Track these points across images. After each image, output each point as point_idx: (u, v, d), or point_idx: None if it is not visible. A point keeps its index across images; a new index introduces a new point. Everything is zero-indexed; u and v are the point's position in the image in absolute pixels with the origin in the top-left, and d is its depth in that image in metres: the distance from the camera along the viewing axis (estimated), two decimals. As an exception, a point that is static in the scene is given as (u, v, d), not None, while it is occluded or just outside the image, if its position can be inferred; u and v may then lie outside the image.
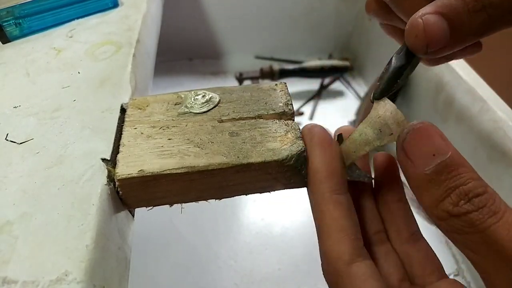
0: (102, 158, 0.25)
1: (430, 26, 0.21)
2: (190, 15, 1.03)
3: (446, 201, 0.18)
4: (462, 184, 0.18)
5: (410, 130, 0.20)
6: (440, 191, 0.18)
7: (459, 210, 0.17)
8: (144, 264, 0.69)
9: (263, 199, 0.80)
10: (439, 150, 0.18)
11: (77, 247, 0.21)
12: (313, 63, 1.00)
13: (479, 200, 0.17)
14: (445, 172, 0.18)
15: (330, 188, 0.22)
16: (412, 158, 0.19)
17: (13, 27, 0.39)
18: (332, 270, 0.21)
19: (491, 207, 0.17)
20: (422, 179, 0.19)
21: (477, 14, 0.21)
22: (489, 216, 0.17)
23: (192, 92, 0.29)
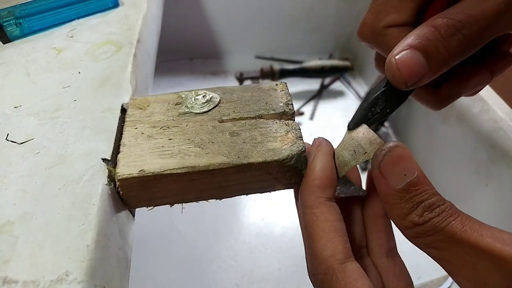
0: (102, 158, 0.25)
1: (404, 63, 0.22)
2: (190, 15, 1.03)
3: (413, 213, 0.21)
4: (426, 199, 0.20)
5: (386, 152, 0.22)
6: (408, 205, 0.21)
7: (424, 219, 0.20)
8: (144, 264, 0.69)
9: (263, 199, 0.80)
10: (409, 171, 0.21)
11: (77, 247, 0.21)
12: (314, 63, 1.00)
13: (439, 209, 0.20)
14: (413, 190, 0.21)
15: (326, 195, 0.24)
16: (386, 176, 0.22)
17: (13, 27, 0.39)
18: (324, 269, 0.22)
19: (449, 211, 0.20)
20: (393, 195, 0.21)
21: (451, 38, 0.22)
22: (447, 217, 0.20)
23: (192, 92, 0.29)
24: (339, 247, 0.22)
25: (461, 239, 0.19)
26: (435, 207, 0.20)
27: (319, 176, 0.24)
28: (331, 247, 0.22)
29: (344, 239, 0.23)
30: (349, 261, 0.22)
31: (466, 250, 0.19)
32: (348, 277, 0.22)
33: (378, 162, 0.22)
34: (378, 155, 0.22)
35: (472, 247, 0.19)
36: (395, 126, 0.89)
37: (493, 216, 0.58)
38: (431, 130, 0.74)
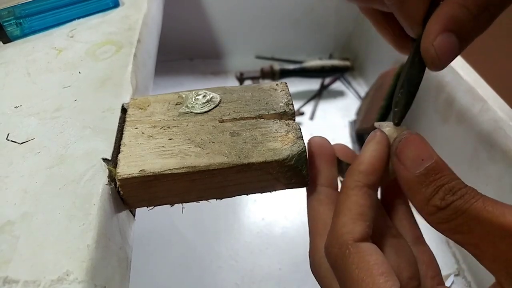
0: (103, 158, 0.25)
1: (442, 50, 0.22)
2: (190, 15, 1.03)
3: (435, 197, 0.21)
4: (447, 182, 0.21)
5: (401, 139, 0.23)
6: (429, 190, 0.21)
7: (446, 203, 0.20)
8: (145, 264, 0.69)
9: (263, 199, 0.80)
10: (426, 156, 0.21)
11: (78, 247, 0.21)
12: (314, 63, 1.00)
13: (461, 192, 0.20)
14: (433, 174, 0.21)
15: (365, 181, 0.24)
16: (404, 162, 0.22)
17: (14, 27, 0.39)
18: (339, 243, 0.22)
19: (471, 193, 0.20)
20: (413, 180, 0.21)
21: (480, 16, 0.22)
22: (470, 199, 0.20)
23: (193, 92, 0.29)
24: (358, 228, 0.22)
25: (484, 219, 0.19)
26: (456, 190, 0.20)
27: (364, 162, 0.24)
28: (351, 225, 0.22)
29: (366, 224, 0.22)
30: (366, 241, 0.22)
31: (488, 230, 0.19)
32: (362, 252, 0.21)
33: (394, 149, 0.23)
34: (394, 144, 0.23)
35: (494, 225, 0.19)
36: (395, 126, 0.89)
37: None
38: (431, 130, 0.74)
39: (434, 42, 0.22)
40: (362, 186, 0.24)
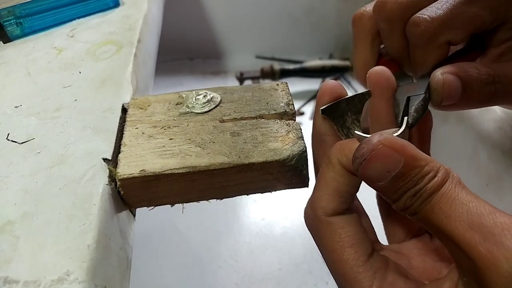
0: (103, 158, 0.25)
1: (448, 83, 0.24)
2: (191, 14, 1.03)
3: (399, 202, 0.21)
4: (412, 187, 0.20)
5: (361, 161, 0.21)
6: (395, 195, 0.21)
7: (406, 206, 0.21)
8: (145, 264, 0.69)
9: (264, 199, 0.80)
10: (392, 167, 0.20)
11: (78, 247, 0.21)
12: (314, 63, 1.00)
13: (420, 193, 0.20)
14: (399, 181, 0.20)
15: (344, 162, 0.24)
16: (369, 180, 0.21)
17: (14, 26, 0.39)
18: (313, 216, 0.24)
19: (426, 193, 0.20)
20: (379, 188, 0.21)
21: (487, 85, 0.25)
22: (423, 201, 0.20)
23: (193, 92, 0.29)
24: (331, 204, 0.23)
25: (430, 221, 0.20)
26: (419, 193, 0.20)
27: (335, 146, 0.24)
28: (325, 201, 0.23)
29: (341, 199, 0.23)
30: (337, 215, 0.23)
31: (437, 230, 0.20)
32: (333, 225, 0.23)
33: (356, 171, 0.21)
34: (354, 163, 0.21)
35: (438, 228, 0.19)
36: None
37: None
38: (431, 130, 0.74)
39: (444, 74, 0.24)
40: (340, 167, 0.24)
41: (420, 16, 0.25)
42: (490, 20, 0.26)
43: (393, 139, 0.21)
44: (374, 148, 0.20)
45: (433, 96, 0.25)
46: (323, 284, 0.66)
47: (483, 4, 0.25)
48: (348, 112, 0.27)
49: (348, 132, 0.27)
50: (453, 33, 0.26)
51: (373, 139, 0.21)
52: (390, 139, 0.21)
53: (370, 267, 0.22)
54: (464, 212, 0.19)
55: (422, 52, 0.27)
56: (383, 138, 0.21)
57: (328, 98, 0.26)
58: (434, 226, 0.20)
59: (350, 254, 0.22)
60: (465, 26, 0.25)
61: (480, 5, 0.25)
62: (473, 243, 0.18)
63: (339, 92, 0.27)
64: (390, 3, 0.27)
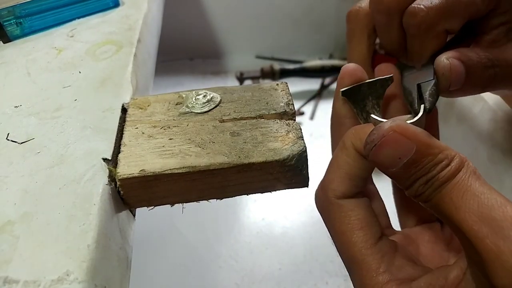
0: (103, 158, 0.25)
1: (454, 68, 0.24)
2: (191, 14, 1.03)
3: (411, 189, 0.21)
4: (424, 174, 0.20)
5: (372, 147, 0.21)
6: (407, 182, 0.21)
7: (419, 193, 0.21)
8: (145, 264, 0.69)
9: (264, 199, 0.80)
10: (404, 153, 0.20)
11: (78, 247, 0.21)
12: (314, 62, 1.00)
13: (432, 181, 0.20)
14: (412, 167, 0.20)
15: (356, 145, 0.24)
16: (380, 166, 0.21)
17: (14, 26, 0.39)
18: (324, 198, 0.25)
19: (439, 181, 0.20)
20: (391, 174, 0.21)
21: (487, 69, 0.25)
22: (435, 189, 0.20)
23: (193, 92, 0.29)
24: (342, 188, 0.24)
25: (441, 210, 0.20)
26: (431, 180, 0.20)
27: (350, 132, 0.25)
28: (336, 183, 0.24)
29: (352, 183, 0.24)
30: (347, 198, 0.24)
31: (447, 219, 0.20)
32: (344, 208, 0.23)
33: (366, 157, 0.22)
34: (365, 148, 0.21)
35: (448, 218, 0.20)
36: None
37: None
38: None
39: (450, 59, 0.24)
40: (352, 149, 0.24)
41: (416, 6, 0.25)
42: (483, 7, 0.26)
43: (405, 125, 0.21)
44: (385, 134, 0.20)
45: (441, 81, 0.25)
46: (323, 284, 0.66)
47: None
48: (369, 96, 0.27)
49: (367, 116, 0.27)
50: (450, 22, 0.26)
51: (385, 125, 0.21)
52: (402, 125, 0.21)
53: (378, 250, 0.22)
54: (475, 204, 0.18)
55: (420, 42, 0.27)
56: (395, 124, 0.21)
57: (348, 81, 0.27)
58: (444, 215, 0.20)
59: (359, 236, 0.23)
60: (461, 14, 0.26)
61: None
62: (480, 236, 0.18)
63: (359, 76, 0.27)
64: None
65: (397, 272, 0.22)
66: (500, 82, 0.26)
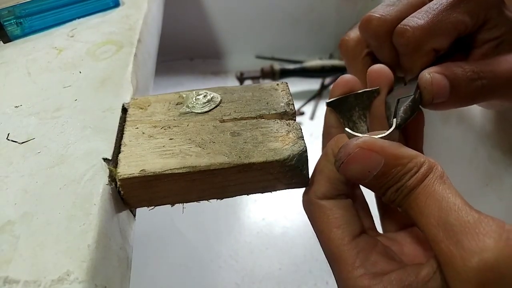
0: (103, 158, 0.25)
1: (436, 81, 0.25)
2: (191, 15, 1.03)
3: (384, 197, 0.23)
4: (394, 183, 0.22)
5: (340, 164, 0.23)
6: (380, 191, 0.22)
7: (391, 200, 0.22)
8: (145, 264, 0.69)
9: (264, 199, 0.80)
10: (373, 167, 0.22)
11: (78, 246, 0.21)
12: (314, 63, 1.00)
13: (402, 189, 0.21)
14: (382, 178, 0.22)
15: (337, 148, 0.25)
16: (352, 178, 0.23)
17: (14, 26, 0.39)
18: (306, 198, 0.26)
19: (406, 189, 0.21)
20: (365, 185, 0.23)
21: (473, 81, 0.26)
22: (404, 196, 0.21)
23: (193, 92, 0.29)
24: (322, 189, 0.25)
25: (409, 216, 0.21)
26: (400, 189, 0.22)
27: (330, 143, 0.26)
28: (317, 185, 0.25)
29: (332, 186, 0.25)
30: (327, 199, 0.25)
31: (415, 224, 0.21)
32: (323, 208, 0.25)
33: (337, 168, 0.23)
34: (335, 163, 0.23)
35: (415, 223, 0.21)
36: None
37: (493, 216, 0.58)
38: (431, 130, 0.74)
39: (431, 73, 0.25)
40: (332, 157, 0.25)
41: (403, 26, 0.27)
42: (472, 24, 0.27)
43: (371, 141, 0.22)
44: (351, 152, 0.22)
45: (424, 95, 0.26)
46: (323, 284, 0.66)
47: (462, 9, 0.26)
48: (356, 107, 0.28)
49: (353, 126, 0.28)
50: (437, 40, 0.27)
51: (351, 143, 0.22)
52: (369, 141, 0.22)
53: (354, 246, 0.24)
54: (436, 209, 0.20)
55: (410, 59, 0.28)
56: (361, 141, 0.22)
57: (339, 92, 0.28)
58: (413, 220, 0.21)
59: (337, 234, 0.24)
60: (448, 32, 0.27)
61: (460, 10, 0.26)
62: (437, 240, 0.19)
63: (351, 87, 0.28)
64: (374, 21, 0.28)
65: (371, 267, 0.23)
66: (489, 93, 0.27)
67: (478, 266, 0.17)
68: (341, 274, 0.23)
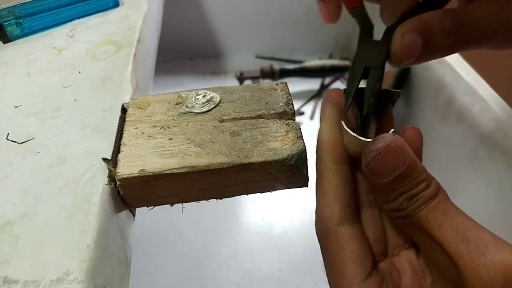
0: (103, 158, 0.25)
1: (407, 45, 0.24)
2: (190, 14, 1.03)
3: (394, 202, 0.22)
4: (410, 189, 0.22)
5: (375, 155, 0.22)
6: (393, 195, 0.22)
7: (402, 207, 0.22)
8: (144, 264, 0.69)
9: (263, 199, 0.80)
10: (399, 165, 0.22)
11: (78, 246, 0.21)
12: (314, 62, 1.00)
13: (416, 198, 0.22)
14: (399, 181, 0.22)
15: (331, 158, 0.25)
16: (376, 174, 0.22)
17: (14, 26, 0.39)
18: (322, 227, 0.25)
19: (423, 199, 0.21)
20: (380, 186, 0.23)
21: (450, 36, 0.24)
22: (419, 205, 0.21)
23: (193, 92, 0.29)
24: (336, 211, 0.24)
25: (423, 226, 0.21)
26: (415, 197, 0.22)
27: (323, 140, 0.26)
28: (329, 209, 0.24)
29: (343, 203, 0.24)
30: (344, 225, 0.24)
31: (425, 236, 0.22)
32: (340, 238, 0.24)
33: (367, 164, 0.23)
34: (367, 155, 0.22)
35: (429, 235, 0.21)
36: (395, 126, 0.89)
37: (493, 216, 0.58)
38: (431, 130, 0.74)
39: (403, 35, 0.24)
40: (330, 164, 0.25)
41: None
42: None
43: (402, 140, 0.22)
44: (390, 144, 0.22)
45: (392, 57, 0.25)
46: (323, 284, 0.66)
47: None
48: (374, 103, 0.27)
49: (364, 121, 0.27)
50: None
51: (388, 136, 0.22)
52: (401, 140, 0.22)
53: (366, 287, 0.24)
54: (454, 224, 0.21)
55: None
56: (397, 138, 0.22)
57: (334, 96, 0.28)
58: (424, 232, 0.21)
59: (350, 270, 0.23)
60: None
61: None
62: (460, 253, 0.20)
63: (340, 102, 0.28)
64: None
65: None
66: (464, 45, 0.25)
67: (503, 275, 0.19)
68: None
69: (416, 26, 0.24)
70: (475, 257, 0.19)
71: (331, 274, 0.24)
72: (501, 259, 0.19)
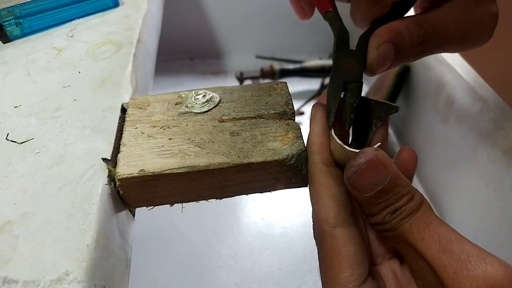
0: (102, 158, 0.25)
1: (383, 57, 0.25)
2: (190, 14, 1.03)
3: (378, 216, 0.23)
4: (393, 203, 0.22)
5: (356, 170, 0.22)
6: (376, 209, 0.22)
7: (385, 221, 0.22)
8: (144, 263, 0.69)
9: (263, 199, 0.80)
10: (381, 180, 0.22)
11: (77, 246, 0.21)
12: (314, 62, 1.00)
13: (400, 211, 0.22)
14: (382, 196, 0.22)
15: (323, 160, 0.25)
16: (357, 189, 0.23)
17: (13, 26, 0.39)
18: (318, 230, 0.24)
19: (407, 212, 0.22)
20: (363, 200, 0.23)
21: (417, 47, 0.25)
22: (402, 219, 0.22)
23: (192, 91, 0.29)
24: (331, 212, 0.24)
25: (406, 239, 0.22)
26: (398, 211, 0.22)
27: (313, 142, 0.25)
28: (324, 211, 0.24)
29: (338, 204, 0.24)
30: (341, 227, 0.24)
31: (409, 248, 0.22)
32: (337, 241, 0.23)
33: (348, 178, 0.23)
34: (348, 170, 0.23)
35: (413, 247, 0.22)
36: (395, 126, 0.89)
37: (493, 216, 0.58)
38: (431, 130, 0.74)
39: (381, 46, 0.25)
40: (321, 166, 0.25)
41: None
42: None
43: (385, 154, 0.22)
44: (370, 160, 0.22)
45: (368, 68, 0.26)
46: (323, 284, 0.66)
47: None
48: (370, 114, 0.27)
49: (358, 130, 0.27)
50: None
51: (370, 151, 0.22)
52: (383, 154, 0.22)
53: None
54: (437, 236, 0.21)
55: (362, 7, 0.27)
56: (378, 152, 0.22)
57: None
58: (408, 244, 0.22)
59: (345, 274, 0.23)
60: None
61: None
62: (442, 265, 0.20)
63: None
64: None
65: None
66: (429, 52, 0.26)
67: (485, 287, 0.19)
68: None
69: (389, 37, 0.25)
70: (458, 269, 0.20)
71: (326, 277, 0.24)
72: (483, 271, 0.19)
